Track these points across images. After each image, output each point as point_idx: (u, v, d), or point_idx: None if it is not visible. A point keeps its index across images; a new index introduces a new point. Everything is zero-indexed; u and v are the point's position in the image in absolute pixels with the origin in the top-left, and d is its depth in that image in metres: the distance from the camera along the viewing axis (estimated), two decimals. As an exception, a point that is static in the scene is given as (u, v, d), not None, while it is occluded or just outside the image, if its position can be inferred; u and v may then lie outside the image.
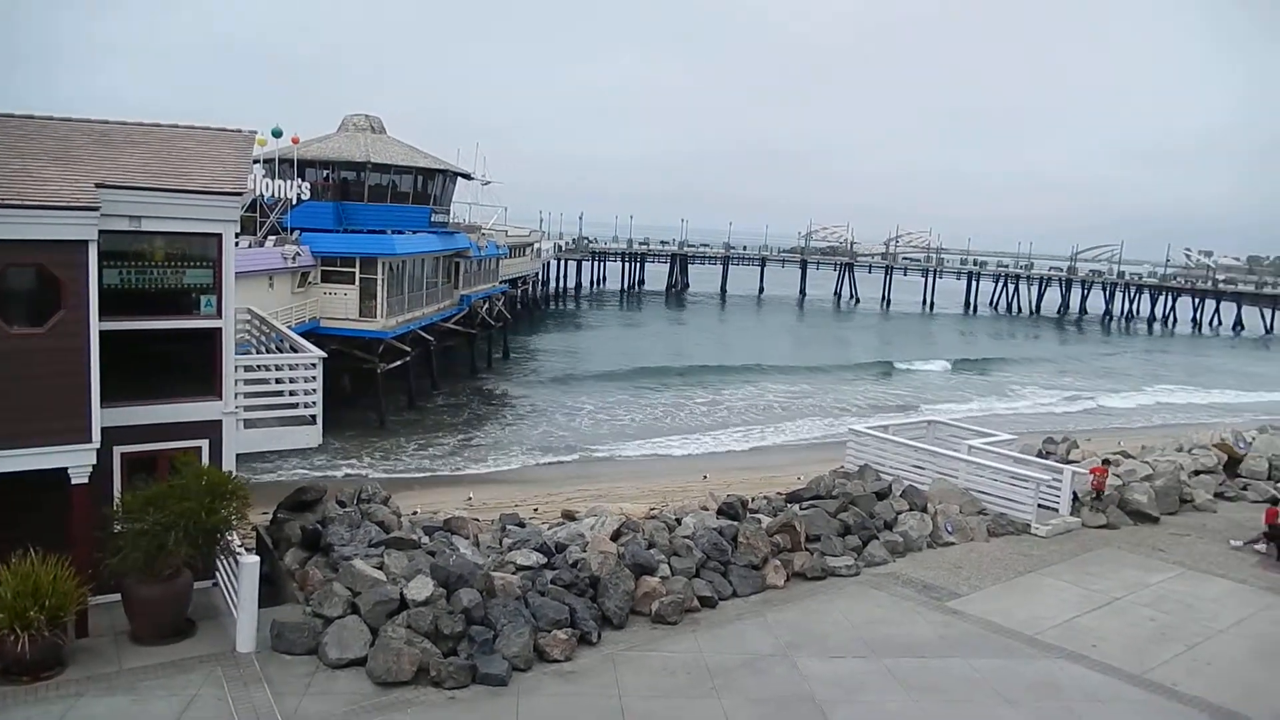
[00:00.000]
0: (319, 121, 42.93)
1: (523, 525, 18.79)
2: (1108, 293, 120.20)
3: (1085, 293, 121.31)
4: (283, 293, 34.44)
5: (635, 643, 13.78)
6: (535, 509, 24.46)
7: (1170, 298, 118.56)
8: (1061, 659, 13.91)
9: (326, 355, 16.81)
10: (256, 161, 35.82)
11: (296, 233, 37.38)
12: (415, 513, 20.65)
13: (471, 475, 32.22)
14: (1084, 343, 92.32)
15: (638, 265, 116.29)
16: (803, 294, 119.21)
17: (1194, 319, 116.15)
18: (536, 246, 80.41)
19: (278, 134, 37.98)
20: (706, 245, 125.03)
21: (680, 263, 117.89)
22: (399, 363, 39.64)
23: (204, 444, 14.32)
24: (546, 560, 15.66)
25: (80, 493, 12.59)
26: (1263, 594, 17.10)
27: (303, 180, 38.24)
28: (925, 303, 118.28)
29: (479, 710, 11.64)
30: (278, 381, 16.50)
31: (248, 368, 15.76)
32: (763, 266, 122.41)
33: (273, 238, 36.23)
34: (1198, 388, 61.67)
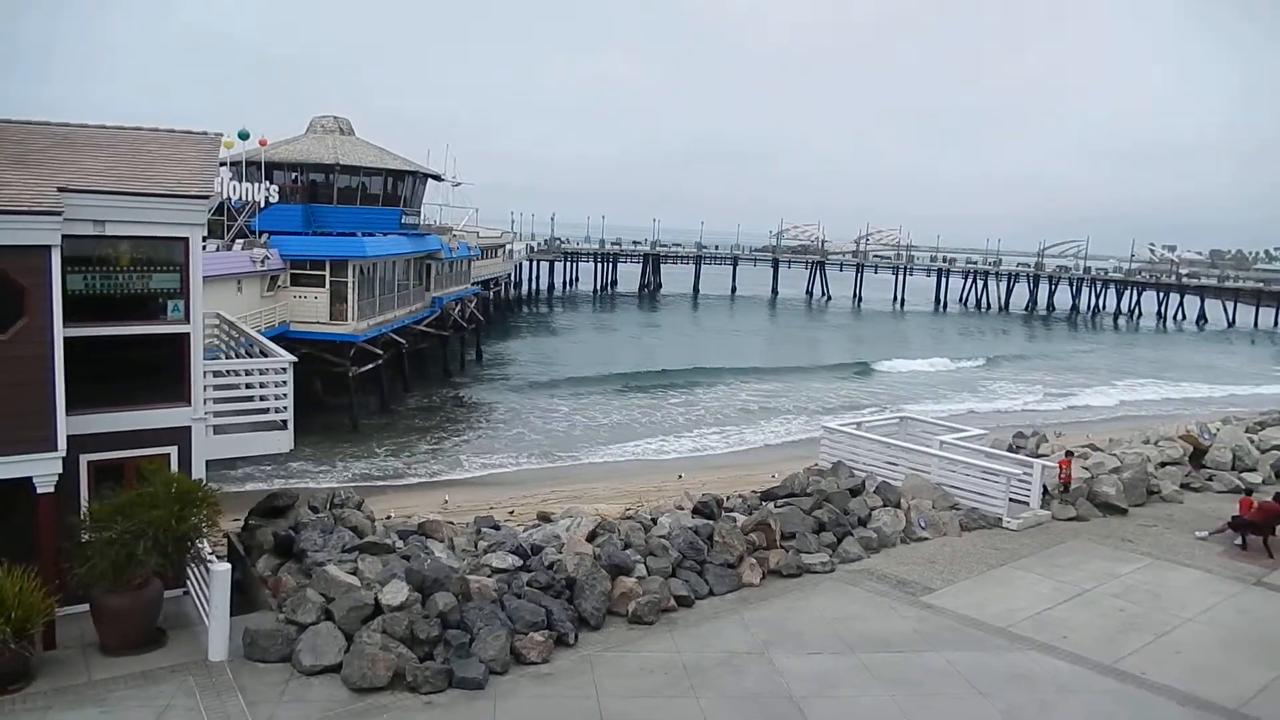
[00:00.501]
0: (293, 124, 42.68)
1: (498, 528, 18.70)
2: (1074, 288, 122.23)
3: (1053, 288, 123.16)
4: (252, 297, 34.09)
5: (612, 643, 13.78)
6: (511, 511, 24.38)
7: (1135, 292, 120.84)
8: (1033, 650, 14.09)
9: (297, 359, 16.65)
10: (223, 164, 35.43)
11: (265, 236, 37.01)
12: (389, 517, 20.51)
13: (446, 478, 32.05)
14: (1052, 339, 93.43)
15: (610, 266, 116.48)
16: (775, 293, 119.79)
17: (1159, 313, 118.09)
18: (508, 248, 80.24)
19: (244, 136, 37.64)
20: (679, 245, 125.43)
21: (653, 263, 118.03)
22: (371, 366, 39.37)
23: (173, 451, 14.16)
24: (522, 562, 15.60)
25: (46, 502, 12.40)
26: (1228, 583, 17.40)
27: (270, 183, 37.88)
28: (896, 300, 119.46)
29: (456, 714, 11.58)
30: (248, 387, 16.34)
31: (217, 373, 15.58)
32: (735, 266, 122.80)
33: (241, 241, 35.86)
34: (1167, 382, 62.60)
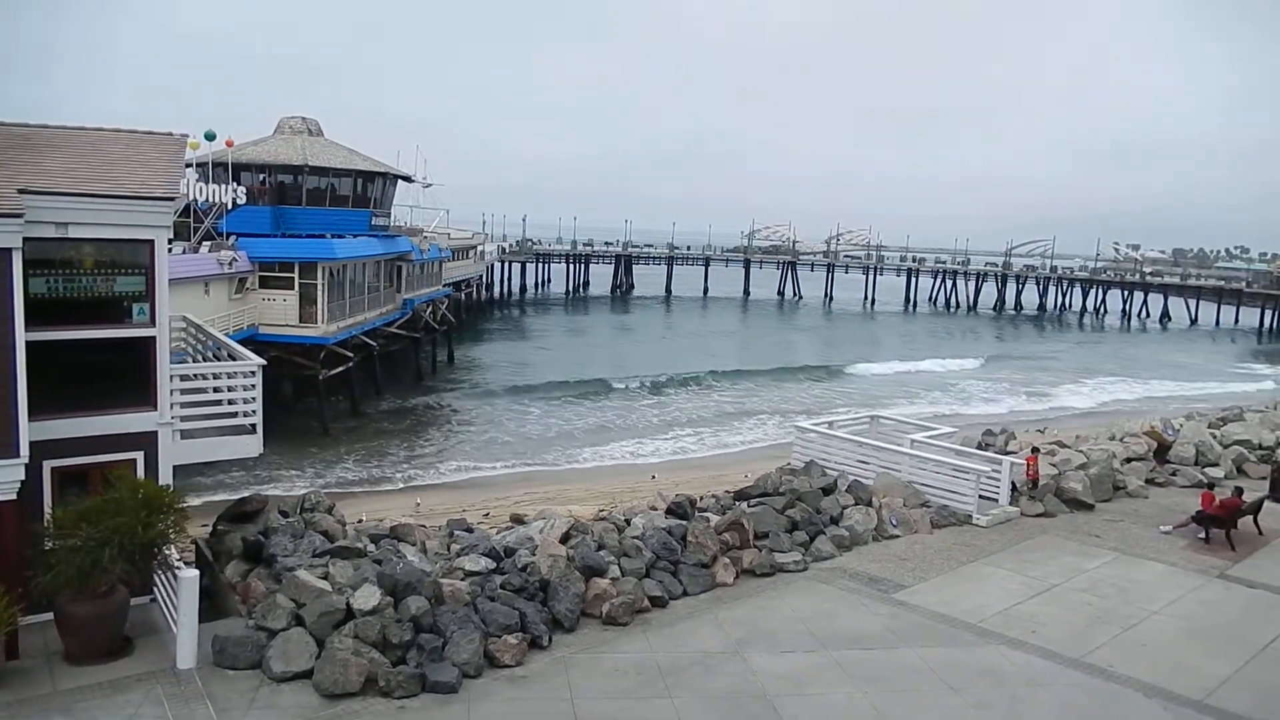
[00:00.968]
0: (267, 126, 42.24)
1: (471, 530, 18.62)
2: (1041, 287, 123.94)
3: (1020, 287, 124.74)
4: (219, 299, 33.67)
5: (586, 645, 13.77)
6: (484, 514, 24.28)
7: (1101, 291, 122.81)
8: (1003, 645, 14.26)
9: (266, 362, 16.51)
10: (189, 165, 34.96)
11: (233, 238, 36.56)
12: (361, 521, 20.33)
13: (418, 482, 31.84)
14: (1020, 338, 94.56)
15: (582, 267, 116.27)
16: (747, 294, 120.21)
17: (1124, 311, 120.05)
18: (480, 249, 79.86)
19: (210, 137, 37.17)
20: (651, 246, 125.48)
21: (625, 264, 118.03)
22: (341, 369, 39.04)
23: (139, 456, 13.98)
24: (495, 565, 15.55)
25: (8, 509, 12.19)
26: (1192, 576, 17.73)
27: (238, 184, 37.43)
28: (867, 299, 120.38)
29: (429, 719, 11.52)
30: (216, 390, 16.17)
31: (184, 377, 15.40)
32: (707, 266, 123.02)
33: (208, 243, 35.40)
34: (1137, 380, 63.62)
